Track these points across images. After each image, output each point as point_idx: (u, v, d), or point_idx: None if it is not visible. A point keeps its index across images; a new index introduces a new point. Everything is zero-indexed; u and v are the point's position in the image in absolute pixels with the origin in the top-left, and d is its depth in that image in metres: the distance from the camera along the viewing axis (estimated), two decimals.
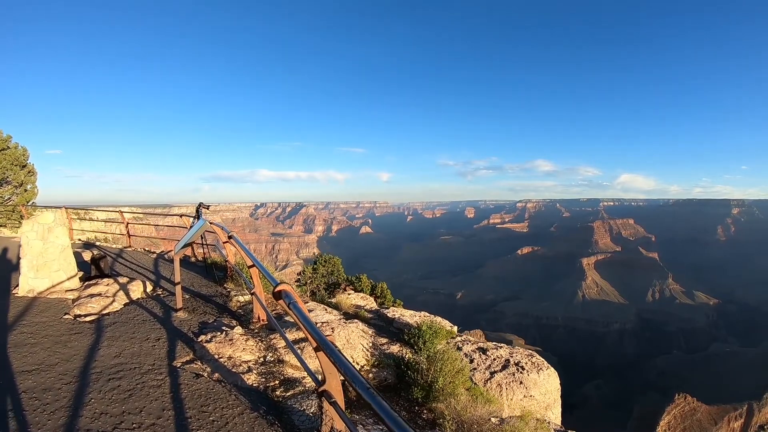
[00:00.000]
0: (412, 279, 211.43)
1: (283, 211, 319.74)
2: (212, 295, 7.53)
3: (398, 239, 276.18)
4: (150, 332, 5.20)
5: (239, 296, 7.44)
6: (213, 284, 8.42)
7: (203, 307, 6.58)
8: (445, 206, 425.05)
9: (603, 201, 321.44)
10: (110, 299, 6.34)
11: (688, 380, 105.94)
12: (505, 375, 6.60)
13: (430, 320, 8.14)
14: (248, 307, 6.87)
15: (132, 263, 10.25)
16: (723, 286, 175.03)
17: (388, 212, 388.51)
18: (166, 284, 8.10)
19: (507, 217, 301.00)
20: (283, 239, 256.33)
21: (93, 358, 4.36)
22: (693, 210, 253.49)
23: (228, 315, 6.35)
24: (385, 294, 14.20)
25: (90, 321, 5.60)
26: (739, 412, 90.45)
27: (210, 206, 9.81)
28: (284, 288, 2.82)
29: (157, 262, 10.61)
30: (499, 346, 7.65)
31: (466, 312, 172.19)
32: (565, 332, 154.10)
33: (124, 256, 11.26)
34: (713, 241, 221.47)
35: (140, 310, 6.14)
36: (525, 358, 7.11)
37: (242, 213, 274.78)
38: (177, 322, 5.68)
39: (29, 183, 22.41)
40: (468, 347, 7.38)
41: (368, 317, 7.83)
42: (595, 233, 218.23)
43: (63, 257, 6.96)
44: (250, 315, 6.37)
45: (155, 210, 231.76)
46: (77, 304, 6.20)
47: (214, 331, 5.28)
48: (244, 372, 4.38)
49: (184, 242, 5.83)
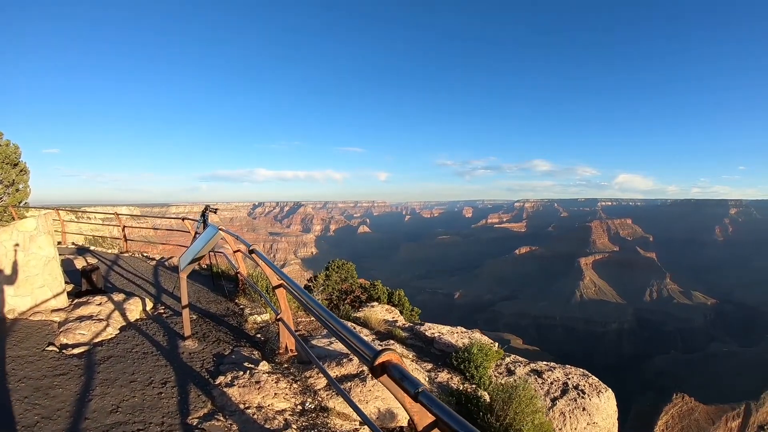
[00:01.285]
0: (410, 279, 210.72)
1: (281, 211, 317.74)
2: (223, 314, 6.49)
3: (396, 239, 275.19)
4: (154, 371, 4.16)
5: (255, 315, 6.38)
6: (222, 299, 7.33)
7: (215, 332, 5.53)
8: (443, 206, 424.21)
9: (601, 201, 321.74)
10: (104, 323, 5.27)
11: (686, 380, 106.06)
12: (567, 401, 6.03)
13: (470, 337, 7.40)
14: (268, 329, 5.85)
15: (129, 272, 9.19)
16: (721, 286, 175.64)
17: (386, 212, 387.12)
18: (168, 299, 7.05)
19: (505, 216, 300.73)
20: (281, 239, 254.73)
21: (82, 414, 3.31)
22: (691, 210, 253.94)
23: (246, 342, 5.30)
24: (403, 302, 13.26)
25: (79, 354, 4.53)
26: (737, 412, 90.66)
27: (218, 209, 8.76)
28: (390, 359, 1.81)
29: (157, 271, 9.52)
30: (551, 366, 6.94)
31: (464, 312, 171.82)
32: (562, 332, 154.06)
33: (120, 264, 10.17)
34: (711, 241, 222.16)
35: (140, 338, 5.10)
36: (581, 379, 6.50)
37: (240, 212, 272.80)
38: (186, 355, 4.63)
39: (21, 182, 21.15)
40: (520, 369, 6.71)
41: (403, 336, 6.88)
42: (593, 233, 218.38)
43: (48, 271, 5.88)
44: (273, 340, 5.35)
45: (153, 209, 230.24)
46: (64, 329, 5.15)
47: (235, 369, 4.24)
48: (281, 429, 3.36)
49: (192, 257, 4.78)
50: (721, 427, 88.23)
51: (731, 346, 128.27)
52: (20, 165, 21.48)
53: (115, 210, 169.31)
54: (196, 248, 4.94)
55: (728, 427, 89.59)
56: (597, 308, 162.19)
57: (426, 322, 8.01)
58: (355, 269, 14.24)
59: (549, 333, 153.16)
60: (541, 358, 31.00)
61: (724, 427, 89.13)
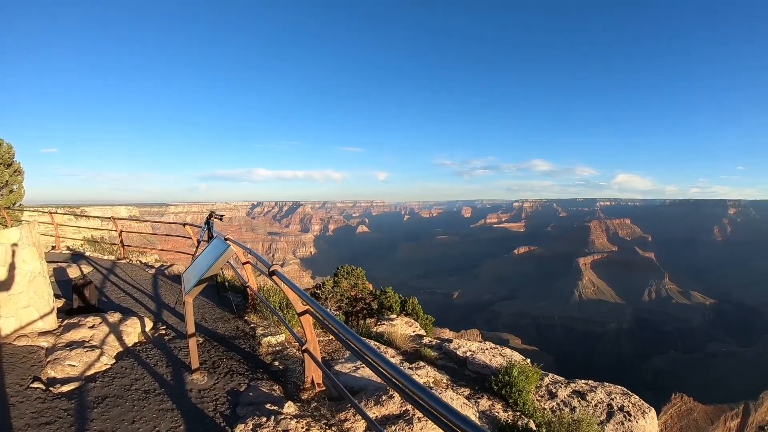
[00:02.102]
0: (409, 278, 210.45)
1: (280, 210, 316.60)
2: (233, 335, 5.78)
3: (395, 239, 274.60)
4: (159, 418, 3.43)
5: (269, 336, 5.68)
6: (229, 316, 6.61)
7: (226, 360, 4.81)
8: (442, 206, 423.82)
9: (600, 201, 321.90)
10: (97, 351, 4.55)
11: (685, 380, 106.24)
12: (613, 426, 5.69)
13: (501, 353, 6.97)
14: (286, 355, 5.14)
15: (126, 283, 8.47)
16: (719, 286, 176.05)
17: (385, 211, 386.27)
18: (169, 317, 6.34)
19: (504, 216, 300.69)
20: (280, 238, 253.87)
21: None
22: (690, 210, 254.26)
23: (263, 373, 4.59)
24: (417, 311, 12.59)
25: (69, 393, 3.82)
26: (736, 412, 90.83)
27: (224, 215, 8.05)
28: None
29: (156, 282, 8.76)
30: (592, 385, 6.50)
31: (463, 312, 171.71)
32: (561, 332, 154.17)
33: (116, 272, 9.48)
34: (710, 241, 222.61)
35: (140, 370, 4.39)
36: (624, 399, 6.21)
37: (239, 212, 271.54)
38: (196, 393, 3.91)
39: (15, 183, 20.30)
40: (562, 391, 6.22)
41: (433, 356, 6.25)
42: (591, 233, 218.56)
43: (33, 288, 5.16)
44: (294, 371, 4.65)
45: (152, 209, 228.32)
46: (52, 358, 4.45)
47: (256, 413, 3.51)
48: None
49: (198, 277, 4.05)
50: (719, 427, 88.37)
51: (730, 346, 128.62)
52: (14, 165, 20.55)
53: (111, 213, 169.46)
54: (202, 266, 4.22)
55: (727, 427, 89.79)
56: (596, 308, 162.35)
57: (452, 337, 7.35)
58: (365, 275, 13.52)
59: (548, 333, 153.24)
60: (540, 358, 30.40)
61: (723, 426, 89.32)
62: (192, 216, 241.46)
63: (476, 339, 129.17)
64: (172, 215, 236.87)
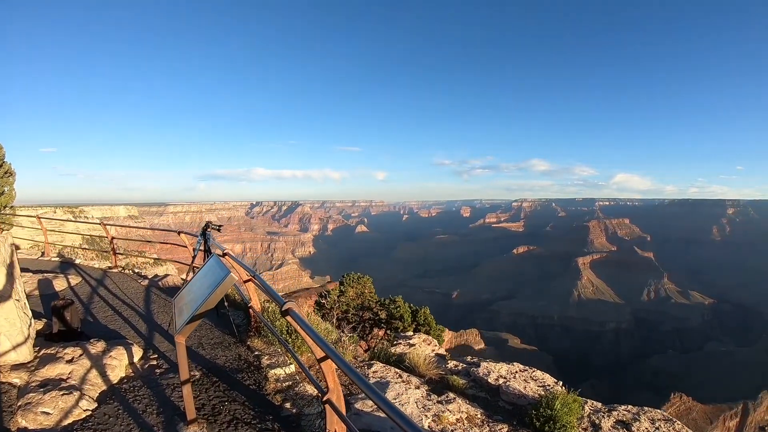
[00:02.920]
0: (408, 278, 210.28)
1: (279, 210, 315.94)
2: (235, 366, 5.04)
3: (394, 238, 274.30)
4: None
5: (276, 367, 4.96)
6: (230, 339, 5.91)
7: (228, 403, 4.09)
8: (441, 205, 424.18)
9: (599, 200, 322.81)
10: (75, 394, 3.83)
11: (683, 379, 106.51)
12: None
13: (531, 376, 6.39)
14: (297, 393, 4.43)
15: (115, 298, 7.77)
16: (718, 285, 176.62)
17: (384, 211, 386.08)
18: (162, 343, 5.61)
19: (503, 216, 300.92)
20: (279, 238, 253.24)
21: None
22: (688, 210, 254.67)
23: (274, 421, 3.86)
24: (430, 322, 11.89)
25: None
26: (735, 412, 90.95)
27: (222, 227, 7.32)
28: None
29: (149, 296, 8.05)
30: (634, 413, 6.07)
31: (462, 311, 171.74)
32: (560, 331, 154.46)
33: (106, 284, 8.74)
34: (709, 241, 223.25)
35: (125, 419, 3.68)
36: (668, 426, 5.85)
37: (238, 212, 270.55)
38: None
39: (6, 185, 19.36)
40: (606, 422, 5.75)
41: (462, 385, 5.64)
42: (590, 233, 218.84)
43: (4, 315, 4.44)
44: (309, 416, 3.93)
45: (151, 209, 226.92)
46: (24, 402, 3.73)
47: None
48: None
49: (192, 311, 3.32)
50: (718, 427, 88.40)
51: (729, 346, 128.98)
52: (5, 167, 19.54)
53: (110, 212, 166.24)
54: (196, 295, 3.50)
55: (726, 427, 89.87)
56: (595, 308, 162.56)
57: (481, 359, 6.67)
58: (373, 282, 12.81)
59: (547, 332, 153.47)
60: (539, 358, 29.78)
61: (722, 426, 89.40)
62: (191, 215, 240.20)
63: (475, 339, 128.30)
64: (171, 214, 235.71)
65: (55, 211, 78.73)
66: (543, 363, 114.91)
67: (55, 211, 78.73)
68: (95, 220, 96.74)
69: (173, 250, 27.06)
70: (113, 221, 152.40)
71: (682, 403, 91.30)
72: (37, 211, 71.36)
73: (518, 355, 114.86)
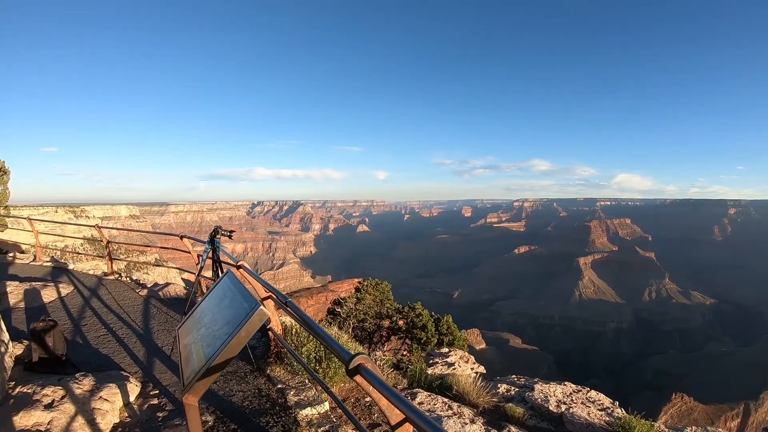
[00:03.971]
0: (409, 278, 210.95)
1: (280, 210, 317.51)
2: (256, 406, 4.17)
3: (395, 238, 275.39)
4: None
5: (306, 405, 4.21)
6: (246, 368, 5.01)
7: None
8: (442, 205, 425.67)
9: (600, 200, 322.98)
10: None
11: (684, 380, 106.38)
12: None
13: (589, 398, 5.94)
14: None
15: (109, 313, 6.95)
16: (719, 285, 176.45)
17: (385, 211, 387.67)
18: (164, 372, 4.77)
19: (504, 216, 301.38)
20: (280, 238, 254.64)
21: None
22: (689, 210, 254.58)
23: None
24: (453, 330, 11.48)
25: None
26: (736, 412, 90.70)
27: (233, 232, 6.42)
28: None
29: (147, 310, 7.22)
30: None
31: (463, 311, 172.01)
32: (561, 331, 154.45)
33: (100, 294, 7.98)
34: (710, 241, 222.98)
35: None
36: None
37: (239, 211, 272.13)
38: None
39: (0, 184, 18.53)
40: None
41: (520, 414, 5.15)
42: (591, 233, 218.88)
43: None
44: None
45: (152, 208, 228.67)
46: None
47: None
48: None
49: (208, 360, 2.37)
50: (720, 427, 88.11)
51: (730, 346, 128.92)
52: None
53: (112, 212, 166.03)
54: (211, 336, 2.57)
55: (727, 427, 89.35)
56: (596, 308, 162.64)
57: (530, 379, 6.31)
58: (391, 290, 11.99)
59: (547, 332, 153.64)
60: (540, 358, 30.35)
61: (724, 426, 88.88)
62: (192, 215, 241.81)
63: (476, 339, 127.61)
64: (173, 214, 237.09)
65: (56, 210, 75.71)
66: (544, 363, 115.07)
67: (56, 210, 75.71)
68: (96, 219, 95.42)
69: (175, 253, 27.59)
70: (114, 221, 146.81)
71: (683, 404, 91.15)
72: (38, 210, 69.00)
73: (519, 355, 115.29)
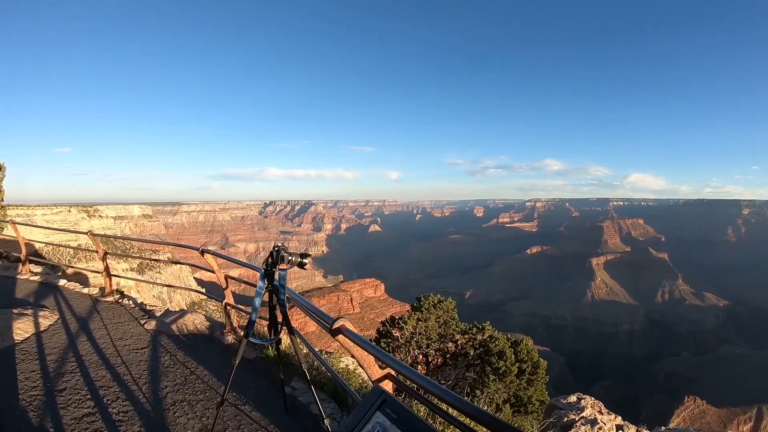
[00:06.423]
0: (421, 278, 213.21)
1: (292, 209, 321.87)
2: None
3: (407, 238, 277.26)
4: None
5: None
6: None
7: None
8: (454, 205, 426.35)
9: (613, 201, 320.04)
10: None
11: (697, 382, 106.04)
12: None
13: None
14: None
15: (98, 364, 4.62)
16: (733, 287, 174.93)
17: (397, 211, 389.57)
18: None
19: (516, 216, 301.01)
20: (292, 237, 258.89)
21: None
22: (703, 210, 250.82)
23: None
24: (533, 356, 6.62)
25: None
26: (749, 416, 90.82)
27: (310, 257, 3.25)
28: None
29: (156, 357, 5.01)
30: None
31: (475, 311, 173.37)
32: (573, 332, 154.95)
33: (91, 326, 5.79)
34: (723, 241, 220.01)
35: None
36: None
37: (251, 211, 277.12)
38: None
39: None
40: None
41: None
42: (604, 233, 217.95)
43: None
44: None
45: (165, 208, 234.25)
46: None
47: None
48: None
49: None
50: (733, 430, 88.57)
51: (743, 349, 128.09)
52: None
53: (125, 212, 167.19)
54: None
55: (740, 431, 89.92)
56: (608, 309, 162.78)
57: None
58: (455, 307, 9.38)
59: (559, 333, 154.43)
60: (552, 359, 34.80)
61: (736, 430, 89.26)
62: (205, 215, 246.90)
63: None
64: (185, 213, 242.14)
65: (69, 210, 73.87)
66: (555, 364, 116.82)
67: (69, 210, 73.87)
68: (109, 219, 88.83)
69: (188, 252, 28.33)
70: (127, 220, 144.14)
71: (695, 407, 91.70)
72: (52, 210, 68.52)
73: None
